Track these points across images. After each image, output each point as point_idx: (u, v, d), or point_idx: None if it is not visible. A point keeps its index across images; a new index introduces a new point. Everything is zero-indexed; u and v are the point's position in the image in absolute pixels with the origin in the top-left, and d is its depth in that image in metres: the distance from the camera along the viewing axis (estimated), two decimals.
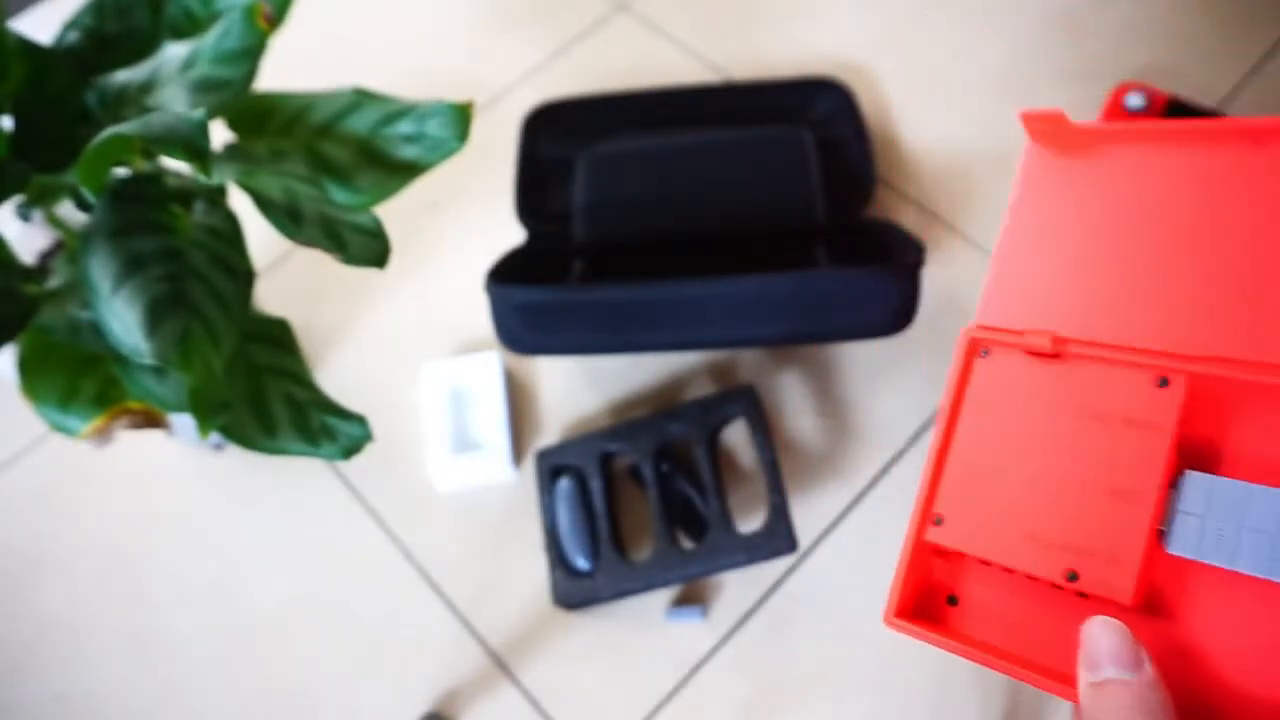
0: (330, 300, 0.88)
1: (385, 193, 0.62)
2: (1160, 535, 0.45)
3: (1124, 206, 0.52)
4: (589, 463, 0.75)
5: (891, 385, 0.79)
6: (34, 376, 0.55)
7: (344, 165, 0.62)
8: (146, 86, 0.55)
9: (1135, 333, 0.49)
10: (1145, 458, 0.46)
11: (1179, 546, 0.44)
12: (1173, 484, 0.45)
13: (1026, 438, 0.50)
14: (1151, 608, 0.45)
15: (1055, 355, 0.50)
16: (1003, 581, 0.50)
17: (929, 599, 0.53)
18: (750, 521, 0.75)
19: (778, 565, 0.74)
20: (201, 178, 0.46)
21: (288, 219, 0.52)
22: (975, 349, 0.53)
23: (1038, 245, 0.54)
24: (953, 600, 0.52)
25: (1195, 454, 0.46)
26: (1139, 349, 0.48)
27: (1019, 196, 0.56)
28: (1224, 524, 0.44)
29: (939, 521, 0.51)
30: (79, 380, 0.56)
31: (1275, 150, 0.48)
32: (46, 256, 0.75)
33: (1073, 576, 0.46)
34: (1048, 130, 0.54)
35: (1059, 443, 0.49)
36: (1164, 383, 0.47)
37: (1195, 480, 0.45)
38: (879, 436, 0.77)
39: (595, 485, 0.75)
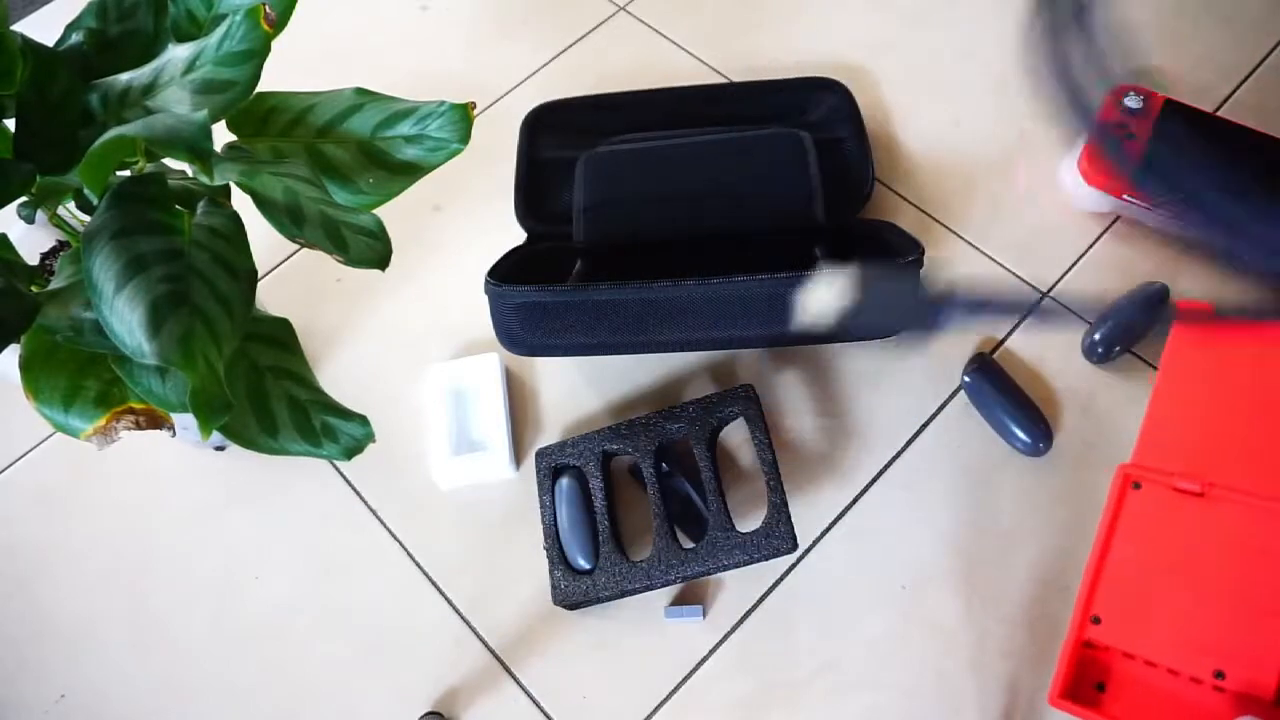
0: (332, 301, 0.88)
1: (387, 194, 0.62)
2: None
3: (1263, 377, 0.66)
4: (589, 462, 0.76)
5: (891, 385, 0.80)
6: (37, 376, 0.56)
7: (345, 166, 0.62)
8: (149, 88, 0.55)
9: (1271, 480, 0.62)
10: None
11: None
12: None
13: (1175, 557, 0.62)
14: None
15: (1202, 495, 0.63)
16: (1147, 675, 0.62)
17: (1081, 685, 0.64)
18: (750, 521, 0.75)
19: (777, 564, 0.74)
20: (204, 179, 0.46)
21: (289, 220, 0.52)
22: (1128, 481, 0.66)
23: (1185, 401, 0.68)
24: (1100, 687, 0.64)
25: None
26: (1276, 496, 0.61)
27: (1170, 355, 0.70)
28: None
29: (1097, 620, 0.63)
30: (81, 380, 0.56)
31: None
32: (49, 257, 0.76)
33: (1220, 675, 0.59)
34: (1198, 317, 0.70)
35: (1204, 565, 0.61)
36: None
37: None
38: (878, 436, 0.78)
39: (595, 485, 0.75)
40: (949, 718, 0.67)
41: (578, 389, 0.82)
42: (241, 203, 0.56)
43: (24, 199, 0.55)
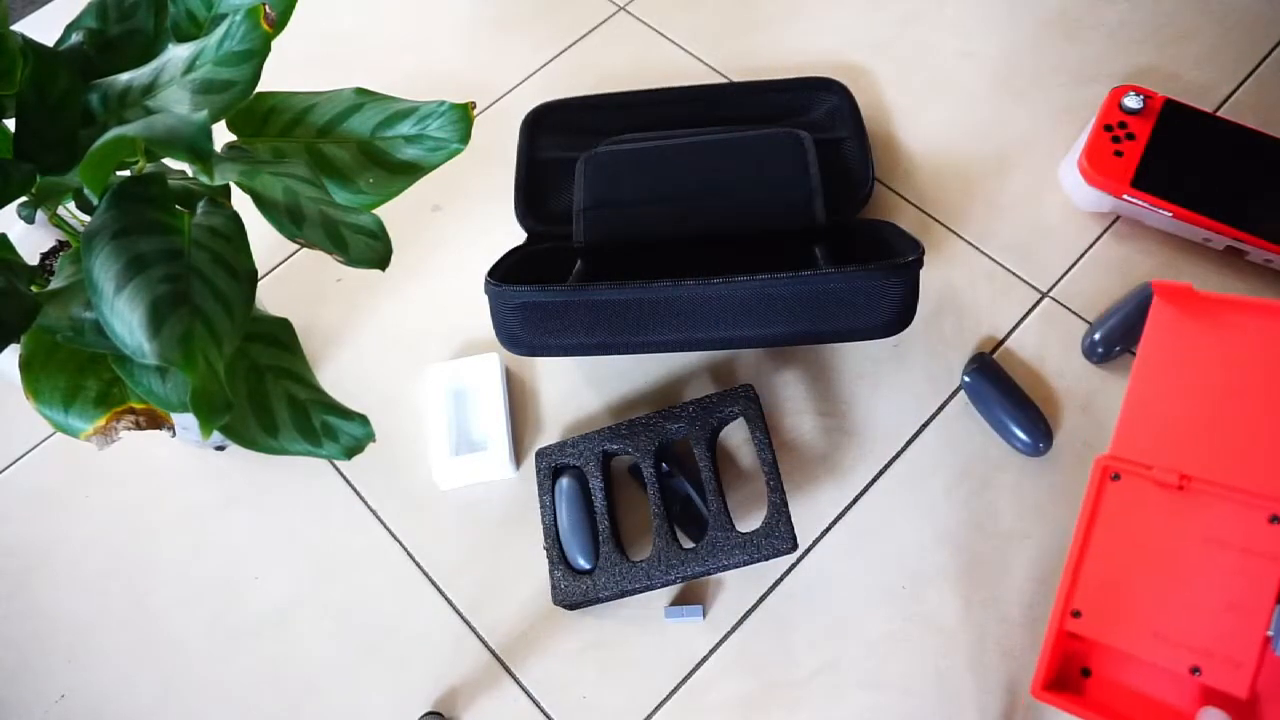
0: (332, 301, 0.88)
1: (387, 194, 0.62)
2: (1269, 641, 0.57)
3: (1242, 366, 0.65)
4: (589, 462, 0.76)
5: (891, 385, 0.80)
6: (37, 376, 0.56)
7: (345, 166, 0.62)
8: (149, 88, 0.55)
9: (1249, 474, 0.62)
10: (1259, 579, 0.59)
11: None
12: None
13: (1153, 551, 0.62)
14: (1257, 699, 0.58)
15: (1180, 488, 0.63)
16: (1128, 663, 0.63)
17: (1066, 671, 0.64)
18: (750, 521, 0.75)
19: (777, 565, 0.74)
20: (204, 178, 0.46)
21: (289, 220, 0.52)
22: (1107, 474, 0.65)
23: (1164, 391, 0.66)
24: (1086, 672, 0.64)
25: None
26: (1253, 491, 0.61)
27: (1147, 345, 0.68)
28: None
29: (1077, 614, 0.63)
30: (82, 380, 0.56)
31: None
32: (49, 257, 0.76)
33: (1196, 671, 0.59)
34: (1176, 296, 0.66)
35: (1182, 559, 0.61)
36: (1276, 519, 0.60)
37: None
38: (878, 436, 0.78)
39: (595, 485, 0.75)
40: (949, 718, 0.68)
41: (578, 389, 0.82)
42: (241, 203, 0.56)
43: (24, 199, 0.55)
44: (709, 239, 0.80)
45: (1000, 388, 0.76)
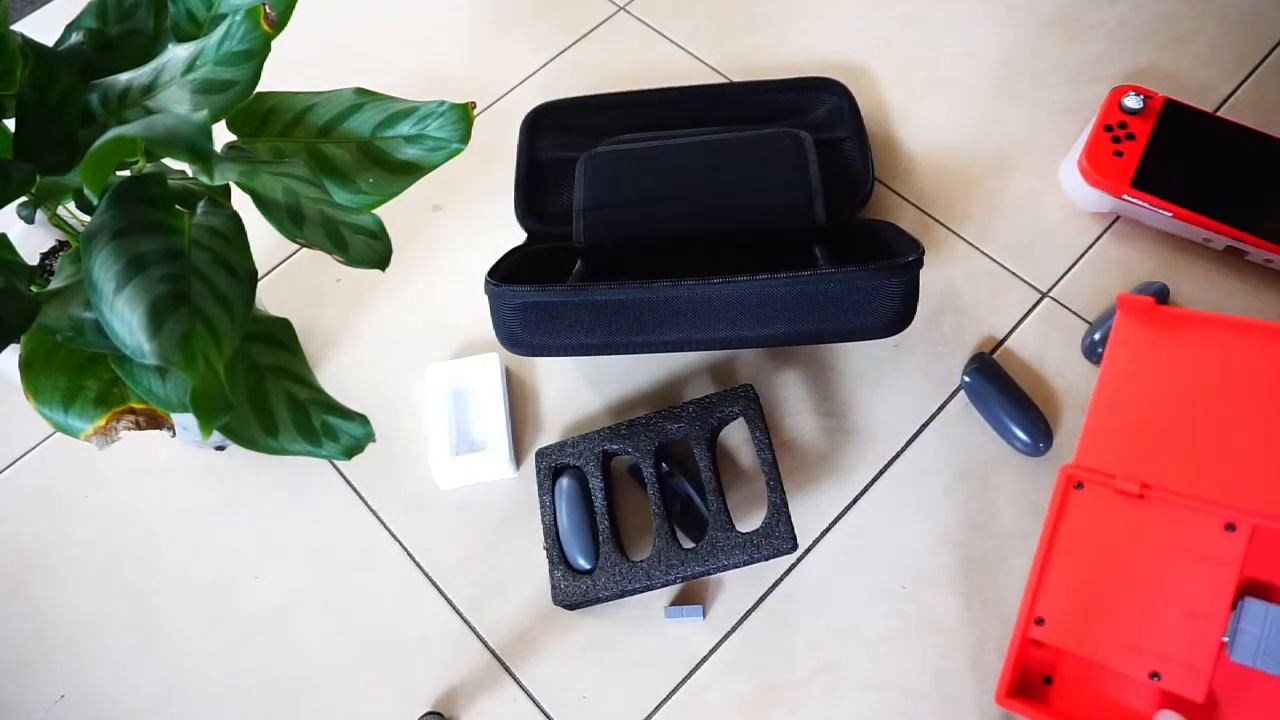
0: (332, 301, 0.88)
1: (387, 194, 0.62)
2: (1225, 646, 0.59)
3: (1202, 379, 0.66)
4: (589, 462, 0.76)
5: (891, 385, 0.80)
6: (37, 376, 0.56)
7: (345, 166, 0.62)
8: (149, 88, 0.55)
9: (1207, 483, 0.63)
10: (1215, 586, 0.60)
11: (1240, 655, 0.58)
12: (1235, 607, 0.59)
13: (1115, 559, 0.63)
14: (1213, 703, 0.60)
15: (1140, 496, 0.64)
16: (1090, 670, 0.64)
17: (1029, 679, 0.65)
18: (750, 521, 0.75)
19: (777, 565, 0.74)
20: (204, 178, 0.46)
21: (289, 220, 0.52)
22: (1070, 482, 0.66)
23: (1126, 401, 0.68)
24: (1048, 680, 0.65)
25: (1254, 584, 0.61)
26: (1211, 499, 0.63)
27: (1111, 357, 0.70)
28: (1275, 639, 0.58)
29: (1040, 621, 0.64)
30: (82, 380, 0.56)
31: None
32: (49, 257, 0.76)
33: (1155, 676, 0.60)
34: (1140, 310, 0.68)
35: (1143, 567, 0.63)
36: (1231, 527, 0.61)
37: (1254, 605, 0.59)
38: (878, 436, 0.78)
39: (595, 485, 0.75)
40: (949, 718, 0.68)
41: (578, 389, 0.82)
42: (241, 203, 0.56)
43: (24, 199, 0.55)
44: (709, 239, 0.80)
45: (1000, 388, 0.76)
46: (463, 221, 0.91)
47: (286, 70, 1.01)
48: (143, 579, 0.77)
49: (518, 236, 0.89)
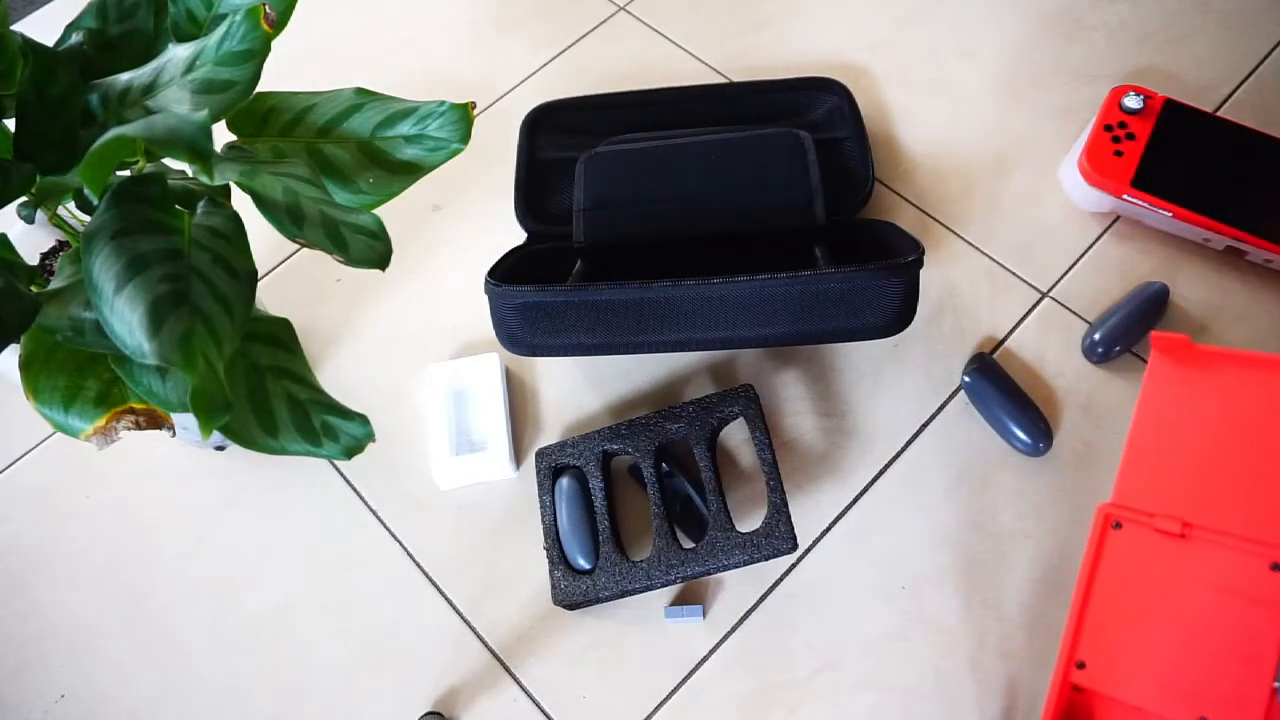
0: (332, 301, 0.88)
1: (387, 194, 0.62)
2: (1276, 692, 0.57)
3: (1240, 416, 0.65)
4: (589, 462, 0.76)
5: (891, 385, 0.80)
6: (37, 376, 0.56)
7: (345, 166, 0.62)
8: (149, 88, 0.55)
9: (1250, 522, 0.62)
10: (1263, 628, 0.59)
11: None
12: None
13: (1157, 601, 0.62)
14: None
15: (1182, 536, 0.62)
16: (1133, 715, 0.62)
17: None
18: (750, 521, 0.75)
19: (777, 565, 0.74)
20: (204, 178, 0.46)
21: (289, 220, 0.52)
22: (1109, 522, 0.65)
23: (1163, 439, 0.67)
24: None
25: None
26: (1254, 538, 0.61)
27: (1146, 395, 0.68)
28: None
29: (1081, 665, 0.62)
30: (82, 380, 0.56)
31: None
32: (49, 257, 0.76)
33: None
34: (1174, 348, 0.67)
35: (1186, 609, 0.61)
36: (1277, 567, 0.60)
37: None
38: (878, 436, 0.78)
39: (595, 485, 0.75)
40: (949, 718, 0.68)
41: (578, 389, 0.82)
42: (241, 203, 0.56)
43: (24, 199, 0.55)
44: (709, 239, 0.80)
45: (1000, 388, 0.76)
46: (463, 221, 0.91)
47: (286, 70, 1.01)
48: (143, 579, 0.77)
49: (518, 236, 0.89)
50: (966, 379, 0.78)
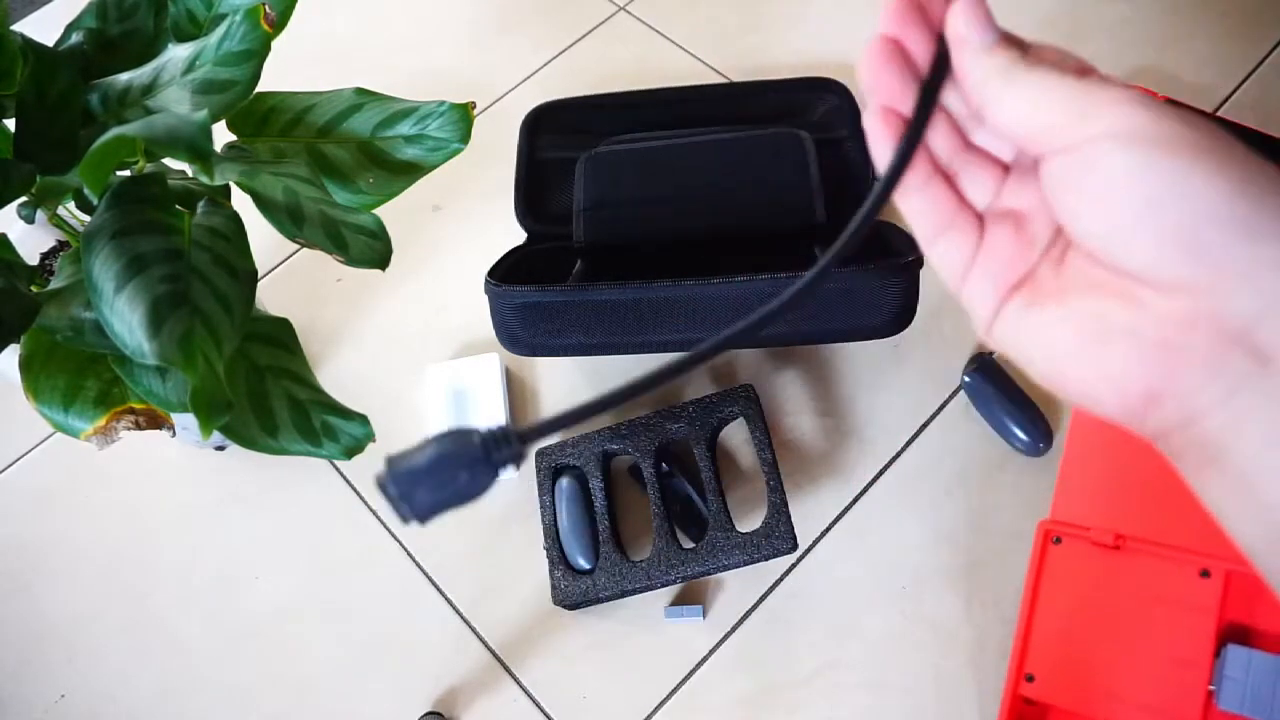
0: (332, 301, 0.88)
1: (387, 194, 0.62)
2: (1211, 695, 0.59)
3: None
4: (589, 462, 0.76)
5: (891, 385, 0.80)
6: (37, 376, 0.56)
7: (345, 166, 0.62)
8: (149, 88, 0.55)
9: (1179, 531, 0.63)
10: (1197, 633, 0.60)
11: (1227, 704, 0.58)
12: (1218, 655, 0.59)
13: (1098, 612, 0.64)
14: None
15: (1116, 547, 0.64)
16: None
17: None
18: (750, 521, 0.75)
19: (777, 565, 0.74)
20: (204, 178, 0.46)
21: (289, 219, 0.52)
22: (1048, 537, 0.67)
23: (1097, 455, 0.69)
24: None
25: (1235, 628, 0.61)
26: (1183, 547, 0.63)
27: (1078, 412, 0.71)
28: (1261, 686, 0.57)
29: (1030, 678, 0.64)
30: (82, 380, 0.56)
31: None
32: (49, 257, 0.76)
33: None
34: None
35: (1125, 618, 0.63)
36: (1206, 574, 0.61)
37: (1236, 653, 0.59)
38: (878, 436, 0.78)
39: (595, 485, 0.75)
40: (949, 718, 0.68)
41: (578, 389, 0.82)
42: (241, 203, 0.56)
43: (24, 199, 0.55)
44: (709, 239, 0.80)
45: (1000, 388, 0.76)
46: (463, 221, 0.91)
47: (286, 70, 1.00)
48: (143, 579, 0.77)
49: (518, 236, 0.89)
50: (966, 379, 0.78)
